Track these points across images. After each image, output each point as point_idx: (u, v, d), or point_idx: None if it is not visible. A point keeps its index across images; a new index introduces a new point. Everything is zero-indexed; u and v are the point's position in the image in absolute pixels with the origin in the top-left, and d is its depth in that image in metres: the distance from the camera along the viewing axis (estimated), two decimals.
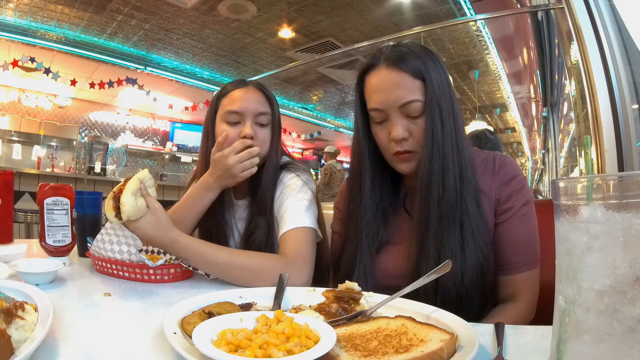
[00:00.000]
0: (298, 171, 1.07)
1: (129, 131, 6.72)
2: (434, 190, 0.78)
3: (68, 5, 3.86)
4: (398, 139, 0.80)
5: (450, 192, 0.78)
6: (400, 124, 0.80)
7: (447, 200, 0.78)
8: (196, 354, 0.43)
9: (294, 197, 1.00)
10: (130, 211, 0.80)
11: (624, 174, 0.32)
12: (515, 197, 0.82)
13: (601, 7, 1.60)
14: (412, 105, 0.79)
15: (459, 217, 0.77)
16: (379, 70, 0.82)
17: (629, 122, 1.49)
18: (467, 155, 0.82)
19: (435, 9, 3.69)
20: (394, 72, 0.80)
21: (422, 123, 0.80)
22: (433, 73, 0.80)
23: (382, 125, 0.83)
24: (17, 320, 0.46)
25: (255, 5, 3.83)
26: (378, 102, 0.81)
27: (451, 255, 0.75)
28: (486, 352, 0.50)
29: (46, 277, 0.79)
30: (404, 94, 0.79)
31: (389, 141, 0.82)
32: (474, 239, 0.77)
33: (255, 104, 1.05)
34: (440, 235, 0.77)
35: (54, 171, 5.42)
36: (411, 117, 0.81)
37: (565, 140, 3.17)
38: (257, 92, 1.08)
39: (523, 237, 0.81)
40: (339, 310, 0.61)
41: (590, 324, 0.32)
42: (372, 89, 0.83)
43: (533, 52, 3.56)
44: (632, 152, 1.46)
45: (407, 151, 0.81)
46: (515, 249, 0.80)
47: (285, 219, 0.97)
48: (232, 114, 1.04)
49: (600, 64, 1.52)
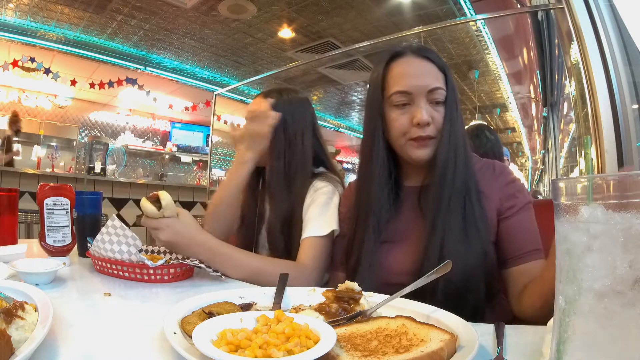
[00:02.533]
0: (329, 181, 1.11)
1: (129, 131, 6.72)
2: (448, 174, 0.82)
3: (68, 5, 3.86)
4: (424, 122, 0.83)
5: (459, 179, 0.82)
6: (425, 108, 0.84)
7: (456, 187, 0.81)
8: (196, 354, 0.43)
9: (322, 206, 1.05)
10: (169, 202, 0.88)
11: (624, 174, 0.32)
12: (518, 195, 0.86)
13: (601, 7, 1.60)
14: (438, 91, 0.85)
15: (462, 208, 0.81)
16: (407, 57, 0.88)
17: (629, 122, 1.49)
18: (471, 153, 0.88)
19: (435, 9, 3.69)
20: (423, 60, 0.86)
21: (442, 111, 0.85)
22: (449, 71, 0.87)
23: (404, 110, 0.86)
24: (17, 320, 0.46)
25: (255, 5, 3.82)
26: (407, 85, 0.85)
27: (453, 247, 0.77)
28: (486, 352, 0.50)
29: (46, 277, 0.79)
30: (432, 80, 0.85)
31: (409, 126, 0.85)
32: (478, 231, 0.80)
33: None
34: (444, 225, 0.80)
35: (54, 171, 5.41)
36: (434, 104, 0.85)
37: (565, 140, 3.17)
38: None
39: (529, 228, 0.84)
40: (339, 310, 0.61)
41: (590, 324, 0.32)
42: (400, 74, 0.87)
43: (533, 52, 3.56)
44: (632, 152, 1.46)
45: (429, 136, 0.85)
46: (525, 237, 0.82)
47: (308, 225, 1.03)
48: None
49: (600, 64, 1.52)
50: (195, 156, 7.24)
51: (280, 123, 1.14)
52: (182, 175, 7.21)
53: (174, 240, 0.89)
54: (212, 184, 4.60)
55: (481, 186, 0.85)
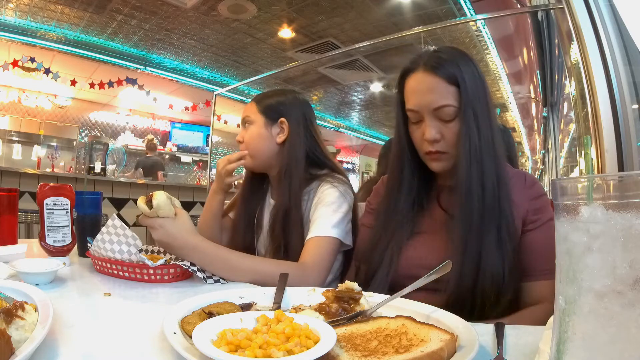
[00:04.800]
0: (336, 182, 1.11)
1: (129, 131, 6.72)
2: (474, 192, 0.82)
3: (68, 5, 3.86)
4: (430, 140, 0.85)
5: (489, 195, 0.81)
6: (433, 125, 0.85)
7: (486, 202, 0.81)
8: (196, 354, 0.43)
9: (327, 207, 1.05)
10: (162, 202, 0.86)
11: (624, 174, 0.32)
12: (543, 211, 0.86)
13: (601, 7, 1.60)
14: (444, 109, 0.84)
15: (496, 220, 0.81)
16: (417, 73, 0.87)
17: (629, 122, 1.48)
18: (503, 162, 0.86)
19: (435, 9, 3.69)
20: (429, 76, 0.85)
21: (454, 127, 0.85)
22: (468, 79, 0.84)
23: (418, 125, 0.88)
24: (17, 320, 0.46)
25: (255, 5, 3.82)
26: (414, 104, 0.87)
27: (490, 255, 0.78)
28: (486, 352, 0.50)
29: (46, 277, 0.79)
30: (437, 98, 0.84)
31: (422, 141, 0.87)
32: (511, 241, 0.80)
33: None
34: (480, 234, 0.80)
35: (54, 171, 5.41)
36: (444, 121, 0.85)
37: (565, 140, 3.17)
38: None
39: (548, 246, 0.82)
40: (339, 310, 0.61)
41: (590, 324, 0.32)
42: (410, 91, 0.88)
43: (533, 52, 3.56)
44: (632, 152, 1.46)
45: (439, 152, 0.86)
46: (542, 256, 0.82)
47: (313, 226, 1.02)
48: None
49: (600, 64, 1.52)
50: (195, 156, 7.24)
51: (272, 126, 1.16)
52: (182, 175, 7.22)
53: (166, 241, 0.89)
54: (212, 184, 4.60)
55: (512, 194, 0.85)
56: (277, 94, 1.22)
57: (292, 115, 1.18)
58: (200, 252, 0.88)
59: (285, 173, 1.13)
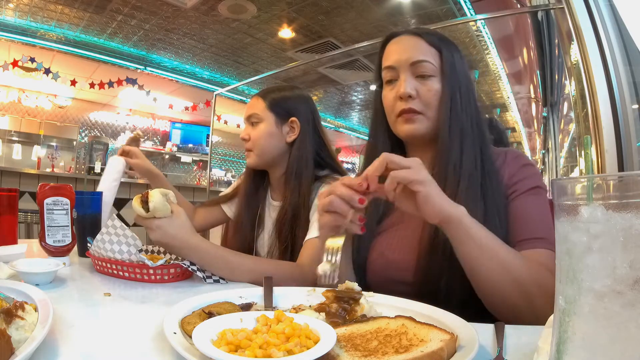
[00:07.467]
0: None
1: (129, 131, 6.71)
2: (453, 154, 0.78)
3: (68, 5, 3.85)
4: (404, 95, 0.81)
5: (469, 160, 0.77)
6: (408, 81, 0.82)
7: (465, 166, 0.77)
8: (196, 354, 0.43)
9: None
10: (158, 203, 0.83)
11: (624, 174, 0.32)
12: (525, 179, 0.81)
13: (601, 7, 1.60)
14: (423, 64, 0.82)
15: (479, 190, 0.76)
16: (399, 37, 0.87)
17: (629, 122, 1.49)
18: (488, 140, 0.82)
19: (435, 9, 3.68)
20: (412, 37, 0.85)
21: (431, 85, 0.82)
22: (448, 50, 0.83)
23: (392, 85, 0.85)
24: (17, 320, 0.46)
25: (255, 5, 3.82)
26: (391, 60, 0.85)
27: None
28: (486, 352, 0.50)
29: (46, 277, 0.79)
30: (417, 54, 0.82)
31: (395, 100, 0.84)
32: (498, 215, 0.75)
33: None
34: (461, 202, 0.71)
35: (54, 171, 5.41)
36: (421, 78, 0.82)
37: (565, 140, 3.17)
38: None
39: (535, 213, 0.77)
40: (339, 310, 0.61)
41: (590, 324, 0.32)
42: (389, 51, 0.87)
43: (533, 52, 3.56)
44: (632, 152, 1.46)
45: (412, 109, 0.82)
46: (529, 223, 0.76)
47: (312, 226, 1.02)
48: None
49: (600, 64, 1.52)
50: (195, 156, 7.24)
51: (283, 125, 1.14)
52: (182, 175, 7.21)
53: (165, 242, 0.87)
54: (212, 184, 4.60)
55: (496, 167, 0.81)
56: (284, 90, 1.19)
57: (302, 113, 1.16)
58: (200, 252, 0.88)
59: (295, 173, 1.11)
